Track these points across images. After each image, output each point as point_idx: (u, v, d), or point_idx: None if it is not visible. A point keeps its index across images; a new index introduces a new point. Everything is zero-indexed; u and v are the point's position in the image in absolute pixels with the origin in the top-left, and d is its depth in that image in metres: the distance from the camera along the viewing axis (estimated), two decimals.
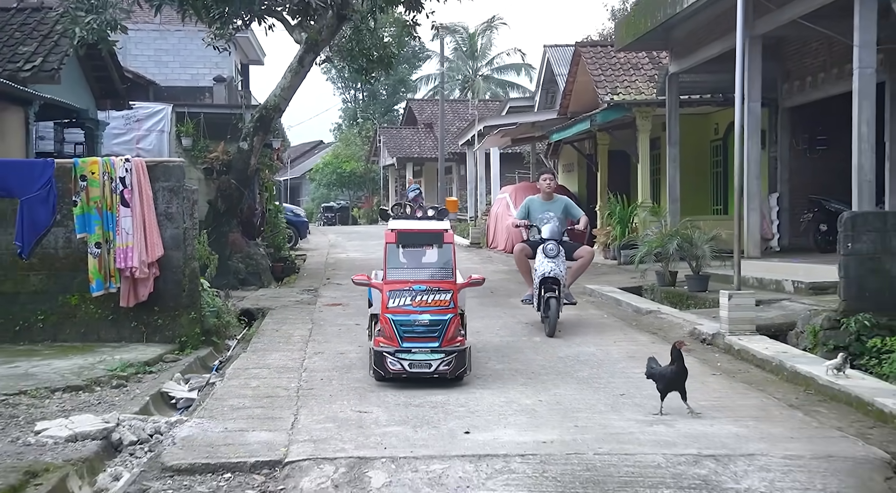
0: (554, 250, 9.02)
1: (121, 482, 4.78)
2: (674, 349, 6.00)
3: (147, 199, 8.37)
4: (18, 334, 8.31)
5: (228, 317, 9.53)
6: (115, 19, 10.28)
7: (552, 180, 10.17)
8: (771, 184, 15.79)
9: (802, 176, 15.11)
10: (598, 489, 4.48)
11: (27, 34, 11.66)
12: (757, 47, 12.39)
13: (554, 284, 8.92)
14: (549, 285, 8.95)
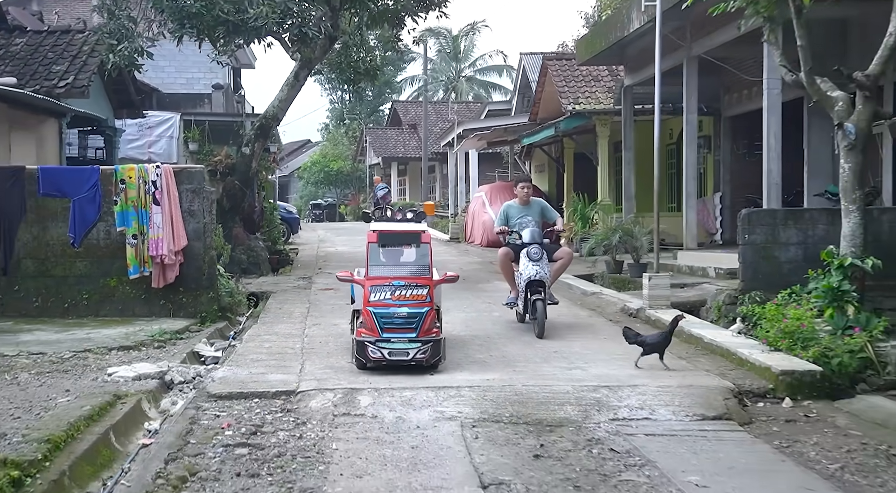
0: (538, 253, 9.22)
1: (179, 404, 6.62)
2: (673, 321, 7.69)
3: (174, 198, 10.15)
4: (67, 310, 10.07)
5: (239, 297, 11.34)
6: (142, 47, 12.10)
7: (529, 188, 10.21)
8: (716, 184, 17.73)
9: (742, 177, 17.00)
10: (521, 406, 6.34)
11: (59, 54, 13.39)
12: (694, 66, 14.29)
13: (539, 286, 9.10)
14: (535, 288, 9.12)
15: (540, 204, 10.21)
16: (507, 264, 9.83)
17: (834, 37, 12.46)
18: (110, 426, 5.62)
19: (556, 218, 10.28)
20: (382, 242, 7.90)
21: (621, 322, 9.88)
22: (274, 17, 11.34)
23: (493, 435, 5.74)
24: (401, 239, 8.09)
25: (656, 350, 7.54)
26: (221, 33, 11.91)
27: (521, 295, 9.33)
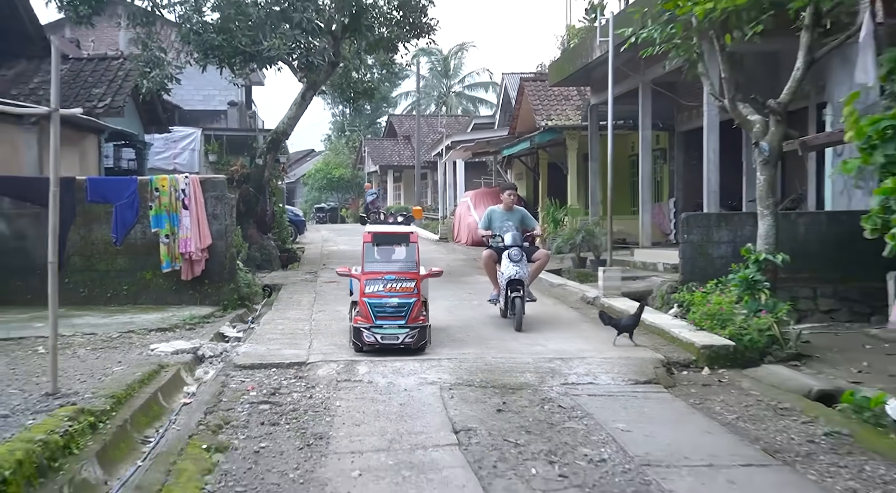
0: (518, 255, 9.36)
1: (210, 373, 7.44)
2: (639, 307, 8.53)
3: (200, 204, 10.95)
4: (109, 299, 10.85)
5: (256, 288, 12.14)
6: (171, 74, 12.90)
7: (514, 195, 10.41)
8: (671, 191, 18.62)
9: (693, 185, 17.85)
10: (490, 374, 7.18)
11: (98, 79, 14.17)
12: (648, 90, 15.17)
13: (518, 284, 9.29)
14: (514, 286, 9.30)
15: (522, 212, 10.37)
16: (490, 265, 10.04)
17: (769, 66, 13.32)
18: (158, 388, 6.44)
19: (535, 227, 10.47)
20: (376, 241, 8.42)
21: (580, 309, 10.76)
22: (284, 48, 12.19)
23: (465, 395, 6.57)
24: (392, 239, 8.62)
25: (628, 331, 8.34)
26: (239, 61, 12.69)
27: (503, 293, 9.53)
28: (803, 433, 5.60)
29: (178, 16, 12.72)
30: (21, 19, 13.79)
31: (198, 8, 12.36)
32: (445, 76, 57.98)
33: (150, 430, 5.71)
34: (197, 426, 5.69)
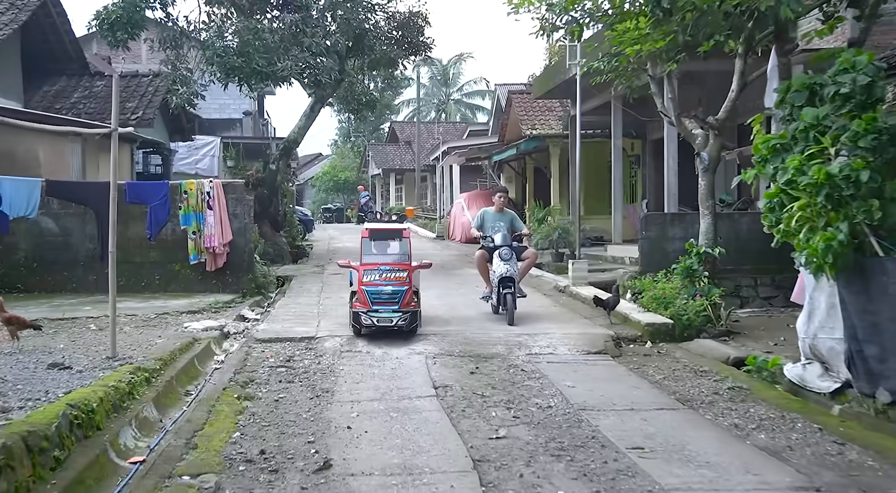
0: (508, 254, 9.64)
1: (235, 345, 8.54)
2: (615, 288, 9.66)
3: (222, 205, 12.04)
4: (143, 287, 11.94)
5: (270, 278, 13.23)
6: (196, 91, 14.00)
7: (504, 198, 10.73)
8: (644, 193, 19.67)
9: (662, 188, 18.88)
10: (468, 346, 8.27)
11: (130, 94, 15.27)
12: (619, 103, 16.22)
13: (509, 282, 9.54)
14: (505, 283, 9.54)
15: (511, 215, 10.57)
16: (483, 264, 10.26)
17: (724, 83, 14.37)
18: (194, 356, 7.55)
19: (523, 228, 10.75)
20: (372, 237, 9.10)
21: (552, 296, 11.86)
22: (296, 68, 13.29)
23: (446, 362, 7.66)
24: (387, 235, 9.27)
25: (613, 308, 9.45)
26: (256, 80, 13.78)
27: (495, 290, 9.74)
28: (712, 388, 6.70)
29: (202, 40, 13.81)
30: (63, 42, 14.89)
31: (220, 34, 13.50)
32: (445, 85, 58.95)
33: (190, 386, 6.81)
34: (228, 382, 6.81)
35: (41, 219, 11.61)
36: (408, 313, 8.45)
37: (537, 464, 4.73)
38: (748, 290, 11.54)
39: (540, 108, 20.77)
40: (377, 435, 5.31)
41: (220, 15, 14.04)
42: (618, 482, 4.42)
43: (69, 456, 4.47)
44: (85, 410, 4.89)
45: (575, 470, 4.62)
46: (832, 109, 5.91)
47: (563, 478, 4.50)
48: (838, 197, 5.70)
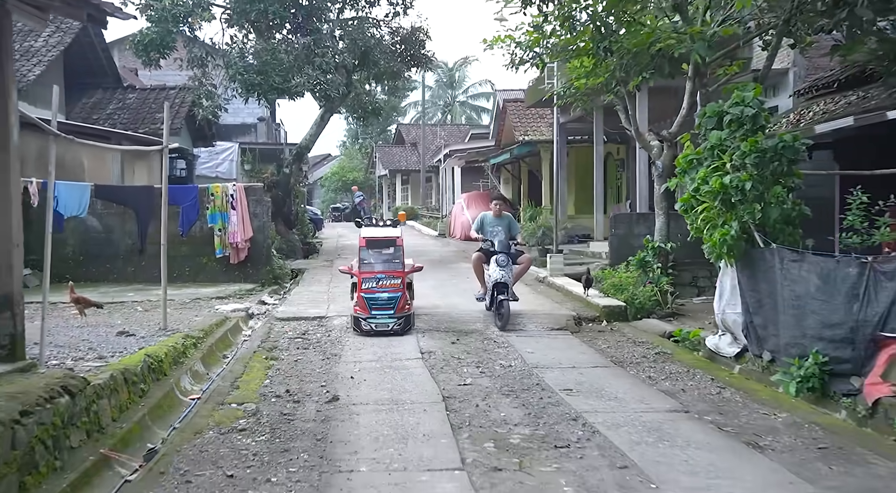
0: (504, 260, 10.01)
1: (259, 323, 10.27)
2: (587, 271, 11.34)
3: (244, 205, 13.75)
4: (176, 277, 13.59)
5: (285, 270, 14.97)
6: (220, 104, 15.74)
7: (500, 204, 11.17)
8: (628, 194, 21.30)
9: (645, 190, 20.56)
10: (452, 323, 9.95)
11: (160, 105, 17.02)
12: (600, 113, 17.85)
13: (504, 287, 9.89)
14: (500, 288, 9.89)
15: (508, 219, 10.98)
16: (479, 266, 10.73)
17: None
18: (227, 330, 9.27)
19: (518, 232, 11.18)
20: (369, 245, 9.77)
21: (532, 285, 13.53)
22: (308, 85, 15.00)
23: (433, 335, 9.35)
24: (382, 243, 9.79)
25: (588, 286, 11.16)
26: (273, 94, 15.50)
27: (489, 293, 10.18)
28: (642, 353, 8.38)
29: (226, 60, 15.56)
30: (99, 59, 16.63)
31: (242, 54, 15.24)
32: (450, 87, 60.61)
33: (226, 352, 8.53)
34: (256, 348, 8.55)
35: (87, 218, 13.35)
36: (402, 317, 9.33)
37: (490, 399, 6.42)
38: (704, 280, 13.12)
39: (532, 115, 22.40)
40: (373, 382, 7.02)
41: (241, 37, 15.82)
42: (546, 409, 6.10)
43: (149, 390, 6.19)
44: (156, 359, 6.62)
45: (518, 403, 6.31)
46: (729, 133, 7.57)
47: (507, 407, 6.18)
48: (731, 202, 7.37)
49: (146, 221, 13.13)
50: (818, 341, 6.52)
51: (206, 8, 15.13)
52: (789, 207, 7.35)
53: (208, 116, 15.96)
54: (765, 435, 5.42)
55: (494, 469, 4.70)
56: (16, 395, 4.39)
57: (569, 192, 21.57)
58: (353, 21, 18.20)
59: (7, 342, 5.02)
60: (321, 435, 5.37)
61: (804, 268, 6.79)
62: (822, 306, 6.54)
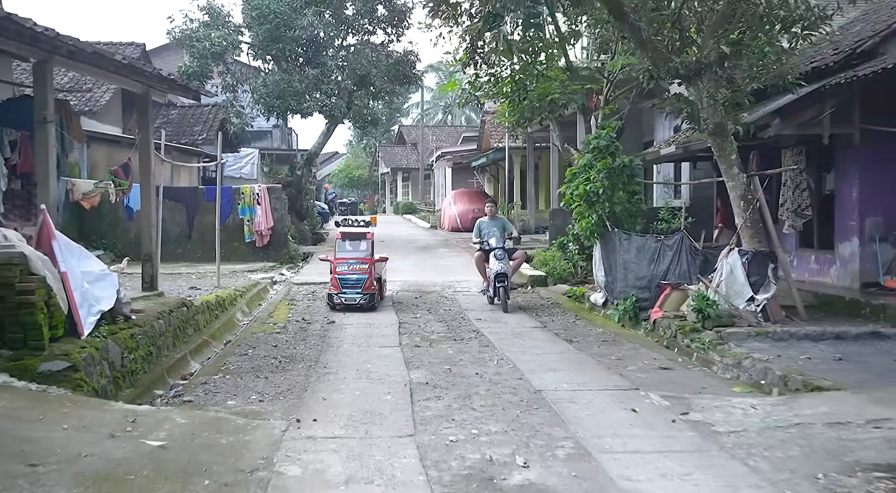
0: (502, 254, 11.54)
1: (281, 287, 14.26)
2: (525, 253, 15.31)
3: (266, 202, 17.70)
4: (213, 258, 17.54)
5: (299, 253, 18.93)
6: (248, 122, 19.69)
7: (492, 208, 12.98)
8: None
9: None
10: (418, 287, 13.91)
11: (196, 120, 20.97)
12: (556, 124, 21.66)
13: (503, 277, 11.36)
14: (500, 279, 11.37)
15: (502, 220, 12.56)
16: (481, 263, 12.38)
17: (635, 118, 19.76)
18: (259, 290, 13.24)
19: (513, 229, 12.76)
20: (344, 238, 12.01)
21: None
22: (317, 107, 18.93)
23: (403, 293, 13.27)
24: (355, 237, 11.97)
25: (528, 262, 14.96)
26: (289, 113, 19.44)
27: (492, 284, 11.69)
28: (541, 304, 12.29)
29: (252, 87, 19.54)
30: None
31: (264, 82, 19.21)
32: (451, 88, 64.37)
33: (261, 302, 12.49)
34: (281, 299, 12.54)
35: None
36: (367, 294, 11.28)
37: (429, 324, 10.34)
38: None
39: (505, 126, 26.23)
40: (356, 316, 10.96)
41: (265, 68, 19.75)
42: (459, 327, 10.02)
43: (218, 316, 10.15)
44: (221, 298, 10.60)
45: (444, 325, 10.22)
46: (592, 156, 11.47)
47: (436, 326, 10.12)
48: (591, 201, 11.27)
49: (193, 214, 17.13)
50: (634, 289, 10.44)
51: (237, 46, 19.11)
52: (630, 205, 11.26)
53: (237, 131, 19.93)
54: (579, 338, 9.35)
55: (416, 346, 8.65)
56: (163, 303, 8.36)
57: (538, 190, 25.50)
58: (355, 47, 22.11)
59: (149, 279, 9.01)
60: (323, 335, 9.33)
61: (630, 243, 10.72)
62: (636, 266, 10.47)
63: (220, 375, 7.17)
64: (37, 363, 5.34)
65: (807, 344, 8.04)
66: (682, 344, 8.59)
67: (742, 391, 6.57)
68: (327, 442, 5.01)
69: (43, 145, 7.20)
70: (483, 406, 5.98)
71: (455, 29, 11.19)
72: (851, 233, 10.71)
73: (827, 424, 5.18)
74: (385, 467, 4.53)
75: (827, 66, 10.61)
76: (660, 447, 4.94)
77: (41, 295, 5.47)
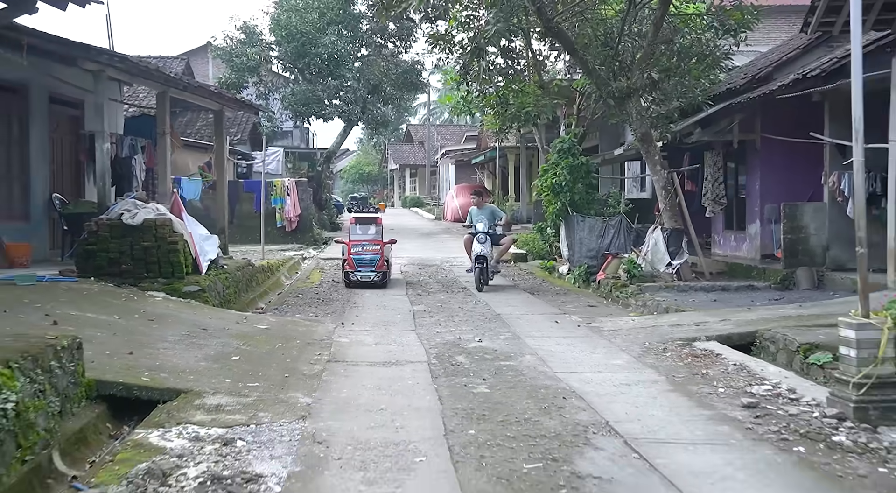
0: (483, 239, 12.62)
1: (309, 261, 17.50)
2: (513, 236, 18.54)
3: (294, 193, 20.95)
4: (251, 240, 20.69)
5: (322, 237, 22.19)
6: (279, 126, 22.90)
7: (479, 198, 13.95)
8: None
9: None
10: (422, 262, 17.15)
11: (230, 123, 24.14)
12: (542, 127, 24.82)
13: (482, 259, 12.53)
14: (479, 260, 12.53)
15: (490, 208, 13.87)
16: (469, 245, 13.38)
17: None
18: (293, 262, 16.48)
19: (502, 216, 13.69)
20: (357, 222, 14.08)
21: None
22: (336, 113, 22.12)
23: (410, 266, 16.48)
24: (366, 221, 14.04)
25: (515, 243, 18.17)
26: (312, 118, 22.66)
27: (473, 264, 12.95)
28: (524, 276, 15.46)
29: (281, 96, 22.78)
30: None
31: (293, 92, 22.43)
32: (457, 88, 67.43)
33: (297, 271, 15.73)
34: (313, 268, 15.79)
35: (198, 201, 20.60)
36: (380, 272, 12.74)
37: (427, 283, 13.55)
38: None
39: None
40: None
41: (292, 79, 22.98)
42: (451, 285, 13.23)
43: (268, 278, 13.38)
44: (270, 264, 13.85)
45: (440, 284, 13.43)
46: (558, 156, 14.63)
47: (433, 284, 13.32)
48: (556, 192, 14.44)
49: (234, 203, 20.36)
50: (586, 258, 13.61)
51: (269, 61, 22.37)
52: (586, 195, 14.42)
53: (267, 133, 23.18)
54: (539, 292, 12.54)
55: (417, 294, 11.86)
56: (236, 262, 11.60)
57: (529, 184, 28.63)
58: (368, 58, 25.30)
59: (223, 246, 12.24)
60: (349, 295, 12.55)
61: (584, 224, 13.89)
62: (588, 241, 13.64)
63: (284, 306, 10.40)
64: (181, 286, 8.56)
65: (699, 293, 11.17)
66: (614, 295, 11.75)
67: (634, 316, 9.75)
68: (361, 331, 8.24)
69: (162, 149, 10.44)
70: (460, 320, 9.19)
71: (451, 55, 14.34)
72: (755, 216, 13.84)
73: (670, 325, 8.36)
74: (396, 339, 7.76)
75: (736, 88, 13.78)
76: (563, 336, 8.14)
77: (182, 245, 8.70)
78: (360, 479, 3.79)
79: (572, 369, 6.41)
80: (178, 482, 3.64)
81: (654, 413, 5.06)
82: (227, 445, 4.20)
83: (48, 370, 4.32)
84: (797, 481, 3.86)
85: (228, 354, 6.40)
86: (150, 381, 5.23)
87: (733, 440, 4.48)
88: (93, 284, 8.24)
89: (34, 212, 10.34)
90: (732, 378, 6.04)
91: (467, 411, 5.05)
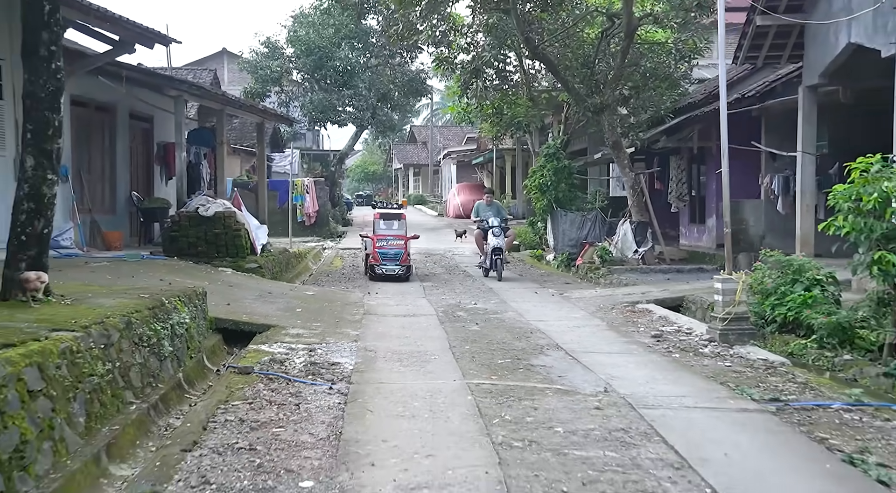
0: (499, 232, 13.51)
1: (329, 251, 19.96)
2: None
3: (313, 191, 23.39)
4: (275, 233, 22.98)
5: (337, 231, 24.64)
6: (297, 131, 25.37)
7: (490, 196, 15.47)
8: None
9: None
10: (428, 252, 19.61)
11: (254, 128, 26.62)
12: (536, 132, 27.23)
13: (500, 251, 13.38)
14: (497, 252, 13.37)
15: (497, 205, 15.11)
16: (480, 240, 14.59)
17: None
18: (316, 252, 18.94)
19: (505, 214, 15.13)
20: (382, 217, 14.52)
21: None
22: (349, 119, 24.57)
23: (419, 255, 18.87)
24: (391, 216, 14.62)
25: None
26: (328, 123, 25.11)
27: (488, 257, 13.73)
28: (516, 263, 17.85)
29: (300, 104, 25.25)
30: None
31: (311, 100, 24.87)
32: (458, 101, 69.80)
33: (320, 259, 18.18)
34: (334, 256, 18.26)
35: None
36: (404, 266, 13.35)
37: (433, 268, 16.00)
38: None
39: None
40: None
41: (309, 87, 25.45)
42: (454, 270, 15.68)
43: (299, 263, 15.83)
44: (298, 252, 16.31)
45: (444, 270, 15.88)
46: (545, 159, 17.05)
47: (439, 270, 15.78)
48: (543, 190, 16.86)
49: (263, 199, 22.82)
50: (568, 247, 16.05)
51: (290, 72, 24.80)
52: (569, 193, 16.84)
53: (287, 137, 25.62)
54: (526, 274, 14.98)
55: (425, 275, 14.32)
56: (275, 249, 14.05)
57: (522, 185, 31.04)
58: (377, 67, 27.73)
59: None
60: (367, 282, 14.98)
61: (566, 218, 16.33)
62: (570, 232, 16.08)
63: (318, 283, 12.86)
64: (243, 264, 11.01)
65: (657, 274, 13.59)
66: (588, 276, 14.17)
67: (599, 289, 12.19)
68: (384, 298, 10.71)
69: (221, 157, 12.89)
70: (460, 292, 11.65)
71: (453, 75, 16.79)
72: (713, 212, 16.26)
73: (623, 294, 10.80)
74: (412, 302, 10.25)
75: (697, 102, 16.21)
76: (539, 301, 10.59)
77: (243, 232, 11.15)
78: (399, 365, 6.24)
79: (541, 319, 8.86)
80: (291, 365, 6.09)
81: (590, 340, 7.50)
82: (311, 352, 6.65)
83: (196, 306, 6.76)
84: (664, 367, 6.31)
85: (293, 307, 8.85)
86: (248, 319, 7.69)
87: (635, 352, 6.93)
88: (178, 261, 10.69)
89: (119, 207, 12.80)
90: (654, 324, 8.48)
91: (464, 338, 7.50)
